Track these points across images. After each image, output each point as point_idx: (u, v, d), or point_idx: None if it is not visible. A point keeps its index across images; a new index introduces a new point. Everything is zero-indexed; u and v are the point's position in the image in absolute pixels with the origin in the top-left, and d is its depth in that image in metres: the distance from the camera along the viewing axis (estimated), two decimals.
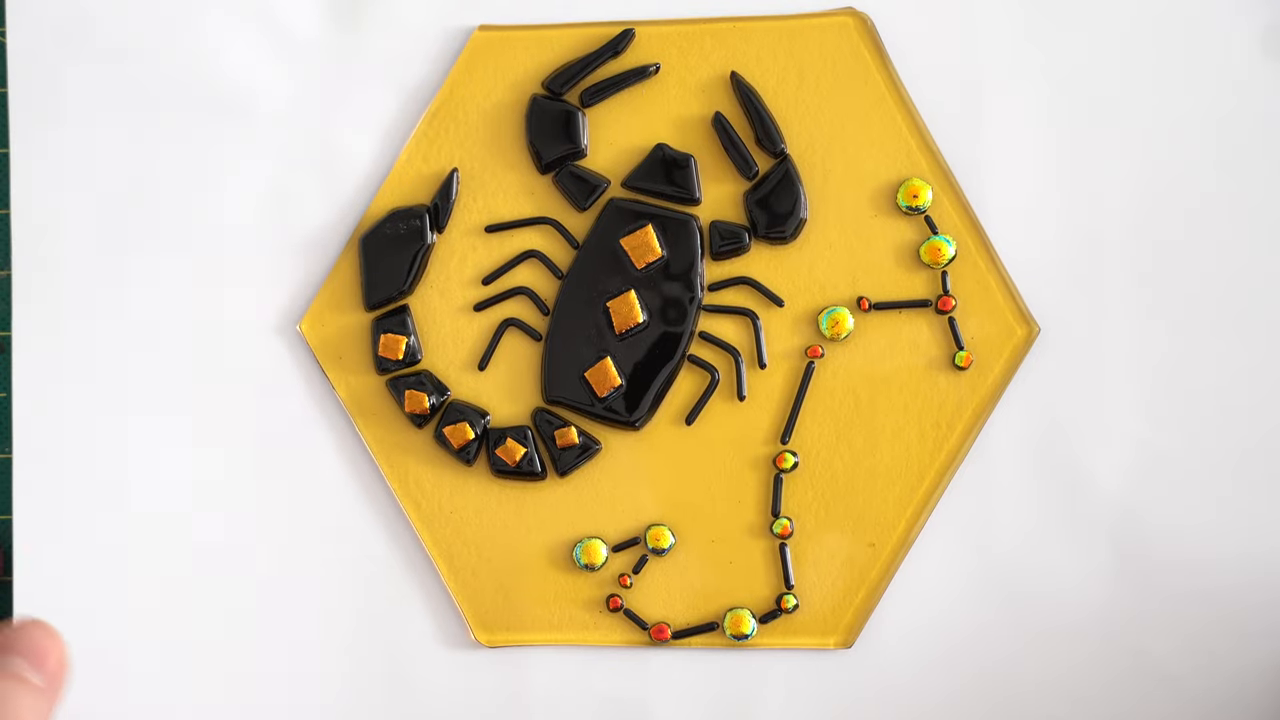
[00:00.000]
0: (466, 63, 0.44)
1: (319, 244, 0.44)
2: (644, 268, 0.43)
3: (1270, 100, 0.42)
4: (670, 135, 0.43)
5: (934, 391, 0.43)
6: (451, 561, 0.44)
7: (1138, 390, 0.42)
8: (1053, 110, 0.43)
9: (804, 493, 0.43)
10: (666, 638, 0.43)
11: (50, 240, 0.45)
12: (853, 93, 0.43)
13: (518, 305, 0.44)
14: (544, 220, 0.44)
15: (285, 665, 0.44)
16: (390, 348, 0.43)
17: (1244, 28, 0.43)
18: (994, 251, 0.43)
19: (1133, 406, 0.42)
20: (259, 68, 0.45)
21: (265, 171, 0.44)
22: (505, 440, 0.43)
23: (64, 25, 0.45)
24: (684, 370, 0.43)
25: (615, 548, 0.43)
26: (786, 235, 0.43)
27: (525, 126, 0.43)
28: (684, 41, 0.43)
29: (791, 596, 0.43)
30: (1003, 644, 0.43)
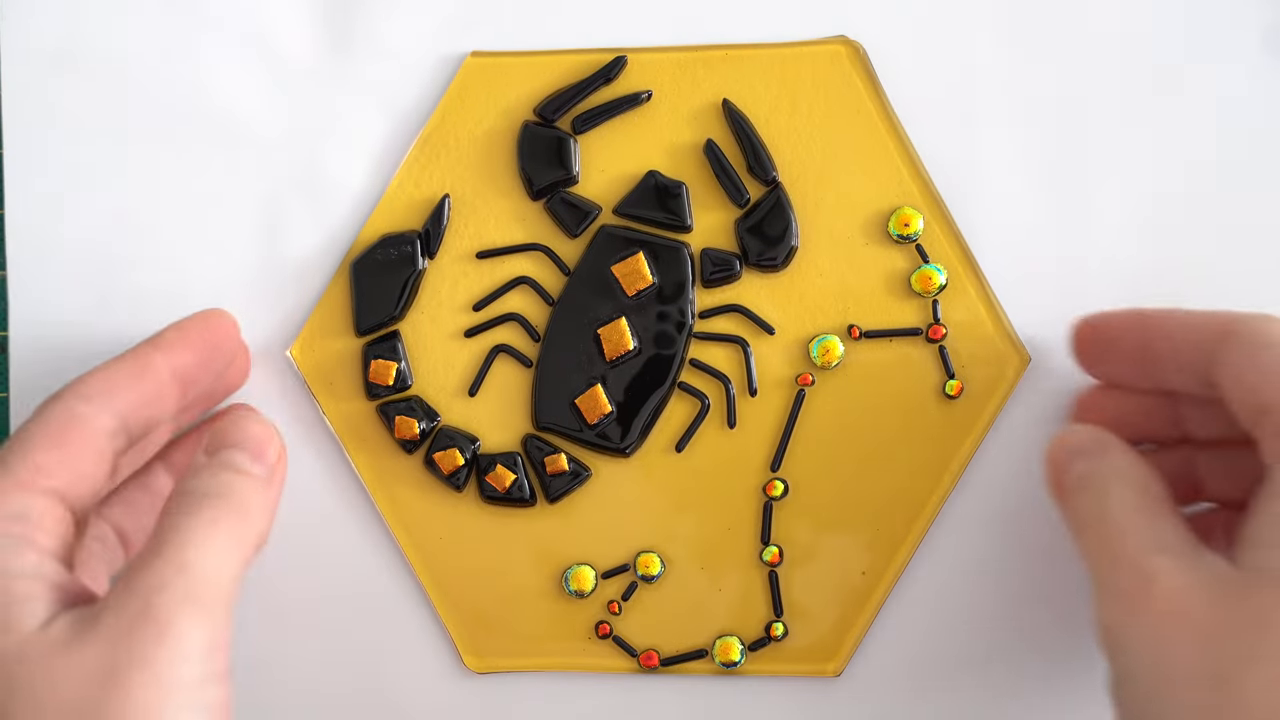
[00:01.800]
0: (458, 89, 0.44)
1: (309, 269, 0.44)
2: (635, 295, 0.43)
3: (1270, 106, 0.42)
4: (662, 162, 0.43)
5: (925, 420, 0.43)
6: (441, 587, 0.44)
7: None
8: (1044, 138, 0.43)
9: (794, 520, 0.43)
10: (655, 665, 0.43)
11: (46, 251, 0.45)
12: (845, 121, 0.43)
13: (509, 331, 0.44)
14: (535, 247, 0.44)
15: (273, 690, 0.44)
16: (381, 373, 0.43)
17: (1244, 29, 0.43)
18: (985, 280, 0.43)
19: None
20: (251, 92, 0.45)
21: (256, 196, 0.44)
22: (495, 467, 0.43)
23: (56, 49, 0.45)
24: (674, 398, 0.43)
25: (605, 574, 0.43)
26: (778, 263, 0.43)
27: (517, 153, 0.43)
28: (676, 69, 0.43)
29: (781, 624, 0.43)
30: (994, 674, 0.43)
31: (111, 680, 0.30)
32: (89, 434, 0.36)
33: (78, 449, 0.35)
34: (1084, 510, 0.35)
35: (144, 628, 0.31)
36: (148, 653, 0.31)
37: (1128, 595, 0.32)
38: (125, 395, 0.37)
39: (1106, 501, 0.35)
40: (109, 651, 0.31)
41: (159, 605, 0.31)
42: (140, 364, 0.38)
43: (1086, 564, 0.35)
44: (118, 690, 0.30)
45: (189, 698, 0.31)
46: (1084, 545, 0.35)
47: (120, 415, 0.37)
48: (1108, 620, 0.33)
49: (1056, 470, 0.37)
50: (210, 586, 0.32)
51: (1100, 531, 0.34)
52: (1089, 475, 0.36)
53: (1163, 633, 0.31)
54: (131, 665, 0.31)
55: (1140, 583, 0.32)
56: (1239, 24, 0.43)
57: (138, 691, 0.30)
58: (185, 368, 0.39)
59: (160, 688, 0.31)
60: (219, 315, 0.41)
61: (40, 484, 0.34)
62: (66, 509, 0.35)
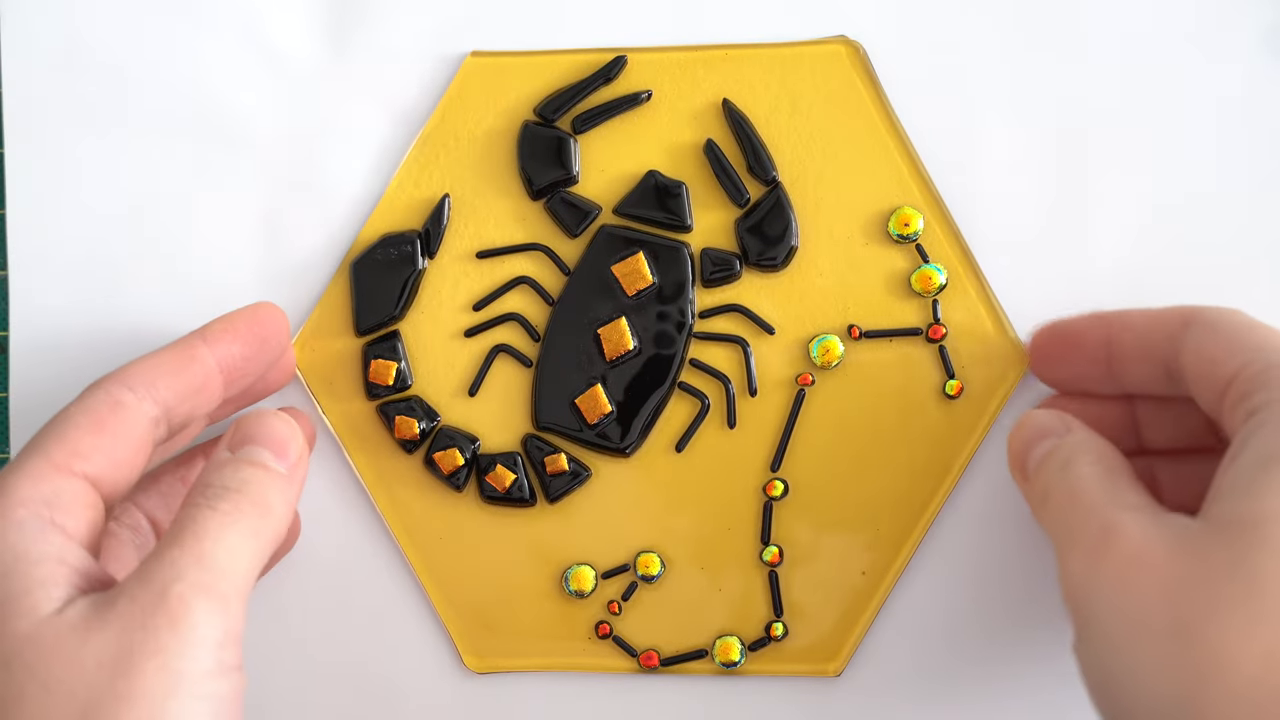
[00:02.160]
0: (458, 89, 0.44)
1: (309, 269, 0.44)
2: (635, 295, 0.43)
3: (1270, 106, 0.42)
4: (662, 162, 0.43)
5: (925, 420, 0.43)
6: (441, 587, 0.44)
7: None
8: (1045, 138, 0.43)
9: (794, 520, 0.43)
10: (655, 665, 0.43)
11: (46, 251, 0.45)
12: (844, 121, 0.43)
13: (508, 331, 0.44)
14: (535, 246, 0.44)
15: (273, 690, 0.44)
16: (381, 373, 0.43)
17: (1244, 30, 0.43)
18: (985, 280, 0.43)
19: None
20: (251, 92, 0.45)
21: (256, 195, 0.45)
22: (495, 467, 0.43)
23: (57, 49, 0.45)
24: (674, 398, 0.43)
25: (605, 575, 0.43)
26: (778, 263, 0.43)
27: (517, 152, 0.43)
28: (676, 69, 0.43)
29: (781, 624, 0.43)
30: (995, 673, 0.43)
31: (122, 667, 0.31)
32: (130, 422, 0.36)
33: (117, 436, 0.35)
34: (1048, 482, 0.36)
35: (158, 616, 0.31)
36: (160, 641, 0.31)
37: (1092, 546, 0.33)
38: (169, 385, 0.37)
39: (1071, 470, 0.35)
40: (122, 638, 0.31)
41: (174, 594, 0.31)
42: (186, 355, 0.38)
43: (1051, 533, 0.35)
44: (127, 677, 0.30)
45: (199, 688, 0.31)
46: (1048, 515, 0.36)
47: (163, 404, 0.37)
48: (1072, 571, 0.33)
49: (1020, 453, 0.38)
50: (226, 578, 0.32)
51: (1064, 497, 0.35)
52: (1052, 451, 0.36)
53: (1126, 582, 0.31)
54: (143, 653, 0.31)
55: (1103, 533, 0.33)
56: (1239, 24, 0.43)
57: (148, 679, 0.30)
58: (231, 360, 0.39)
59: (170, 676, 0.31)
60: (269, 309, 0.41)
61: (75, 468, 0.34)
62: (99, 495, 0.35)
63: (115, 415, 0.35)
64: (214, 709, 0.31)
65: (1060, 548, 0.34)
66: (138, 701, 0.30)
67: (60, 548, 0.33)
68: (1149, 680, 0.30)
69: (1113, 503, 0.34)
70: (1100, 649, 0.32)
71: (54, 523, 0.33)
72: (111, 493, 0.35)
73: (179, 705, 0.31)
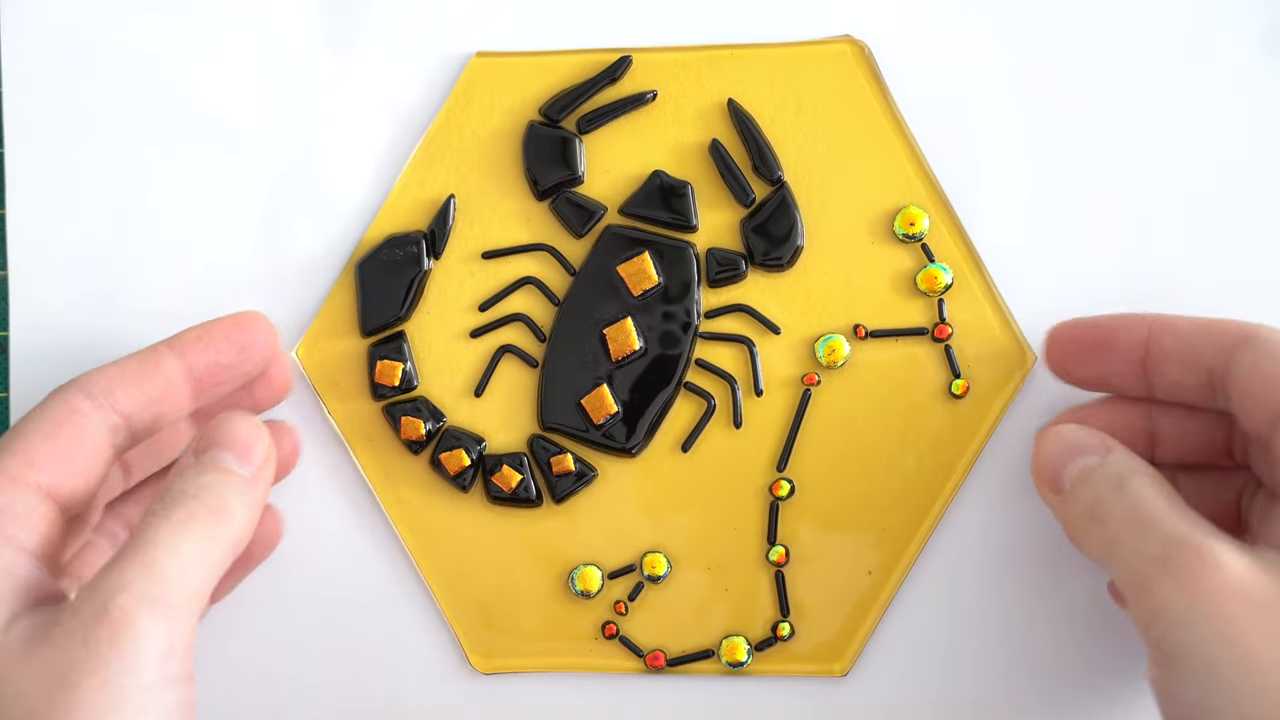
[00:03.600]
0: (463, 89, 0.44)
1: (315, 269, 0.44)
2: (641, 295, 0.43)
3: (1270, 106, 0.42)
4: (667, 162, 0.43)
5: (931, 419, 0.43)
6: (447, 588, 0.43)
7: None
8: (1050, 137, 0.43)
9: (800, 520, 0.43)
10: (662, 665, 0.43)
11: (46, 251, 0.45)
12: (850, 120, 0.43)
13: (514, 332, 0.44)
14: (541, 247, 0.44)
15: (279, 690, 0.44)
16: (386, 374, 0.43)
17: (1244, 30, 0.43)
18: (990, 279, 0.43)
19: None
20: (255, 92, 0.45)
21: (259, 196, 0.44)
22: (501, 467, 0.43)
23: (57, 49, 0.45)
24: (680, 398, 0.43)
25: (611, 575, 0.43)
26: (783, 263, 0.43)
27: (522, 153, 0.43)
28: (681, 69, 0.43)
29: (787, 624, 0.43)
30: (1002, 672, 0.43)
31: (63, 685, 0.30)
32: (86, 429, 0.36)
33: (73, 444, 0.35)
34: (1099, 499, 0.35)
35: (99, 630, 0.31)
36: (102, 657, 0.30)
37: (1190, 573, 0.32)
38: (129, 392, 0.37)
39: (1130, 489, 0.35)
40: (63, 655, 0.31)
41: (116, 606, 0.31)
42: (150, 363, 0.38)
43: (1102, 553, 0.35)
44: (67, 695, 0.30)
45: (144, 701, 0.31)
46: (1103, 534, 0.35)
47: (123, 412, 0.37)
48: (1161, 598, 0.32)
49: (1051, 467, 0.37)
50: (174, 588, 0.32)
51: (1129, 517, 0.34)
52: (1096, 471, 0.36)
53: (1230, 611, 0.31)
54: (84, 670, 0.30)
55: (1201, 561, 0.32)
56: (1239, 24, 0.43)
57: (88, 696, 0.30)
58: (202, 368, 0.38)
59: (111, 692, 0.30)
60: (252, 318, 0.40)
61: (29, 478, 0.34)
62: (55, 505, 0.35)
63: (71, 423, 0.35)
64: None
65: (1137, 572, 0.33)
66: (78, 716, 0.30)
67: (9, 562, 0.33)
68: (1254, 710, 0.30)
69: (1195, 530, 0.33)
70: (1197, 682, 0.31)
71: (5, 535, 0.33)
72: (69, 502, 0.35)
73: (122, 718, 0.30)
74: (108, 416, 0.36)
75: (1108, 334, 0.39)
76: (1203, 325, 0.37)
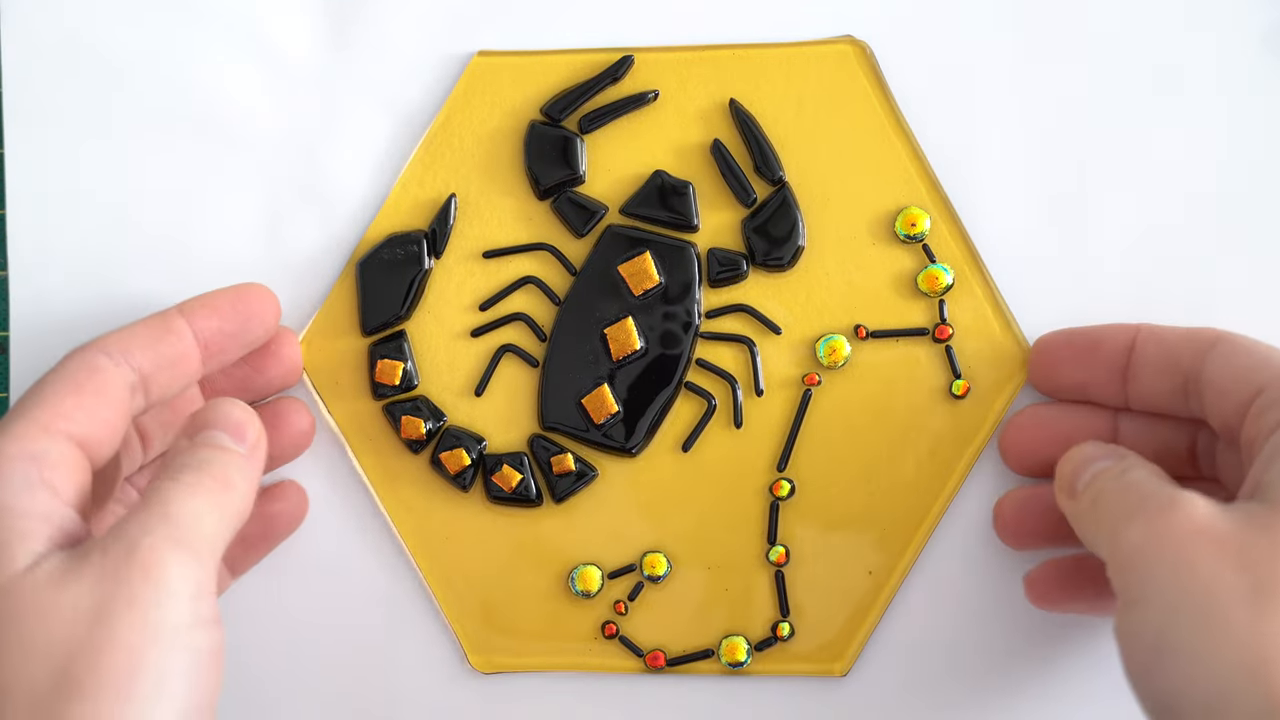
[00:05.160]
0: (465, 88, 0.44)
1: (315, 269, 0.44)
2: (642, 294, 0.43)
3: (1270, 106, 0.42)
4: (668, 162, 0.43)
5: (931, 419, 0.43)
6: (447, 587, 0.43)
7: None
8: (1050, 135, 0.43)
9: (800, 520, 0.43)
10: (661, 665, 0.43)
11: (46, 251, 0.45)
12: (851, 121, 0.43)
13: (515, 331, 0.44)
14: (542, 246, 0.44)
15: (278, 689, 0.44)
16: (387, 373, 0.43)
17: (1244, 30, 0.43)
18: (991, 280, 0.43)
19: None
20: (255, 92, 0.45)
21: (262, 196, 0.44)
22: (501, 466, 0.43)
23: (57, 49, 0.45)
24: (681, 398, 0.43)
25: (611, 575, 0.43)
26: (784, 263, 0.43)
27: (523, 152, 0.43)
28: (683, 69, 0.43)
29: (787, 624, 0.43)
30: (1002, 673, 0.43)
31: (99, 618, 0.31)
32: (108, 384, 0.36)
33: (97, 398, 0.36)
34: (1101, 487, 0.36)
35: (130, 567, 0.31)
36: (135, 592, 0.31)
37: (1157, 515, 0.32)
38: (145, 353, 0.38)
39: (1128, 475, 0.35)
40: (96, 590, 0.31)
41: (145, 546, 0.32)
42: (163, 326, 0.39)
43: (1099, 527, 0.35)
44: (105, 628, 0.31)
45: (178, 639, 0.31)
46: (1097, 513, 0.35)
47: (139, 371, 0.37)
48: (1129, 540, 0.33)
49: (1071, 477, 0.38)
50: (194, 534, 0.33)
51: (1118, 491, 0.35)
52: (1107, 470, 0.36)
53: (1193, 549, 0.31)
54: (120, 604, 0.31)
55: (1170, 503, 0.33)
56: (1239, 24, 0.43)
57: (125, 630, 0.31)
58: (210, 333, 0.39)
59: (148, 627, 0.31)
60: (256, 290, 0.41)
61: (60, 428, 0.35)
62: (85, 455, 0.35)
63: (93, 379, 0.36)
64: (192, 660, 0.32)
65: (1113, 528, 0.34)
66: (117, 652, 0.30)
67: (46, 504, 0.33)
68: (1216, 648, 0.30)
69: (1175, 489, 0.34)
70: (1159, 618, 0.31)
71: (42, 479, 0.34)
72: (96, 454, 0.36)
73: (158, 655, 0.31)
74: (126, 374, 0.37)
75: (1095, 340, 0.40)
76: (1184, 333, 0.38)
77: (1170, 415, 0.40)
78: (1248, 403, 0.35)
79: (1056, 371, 0.41)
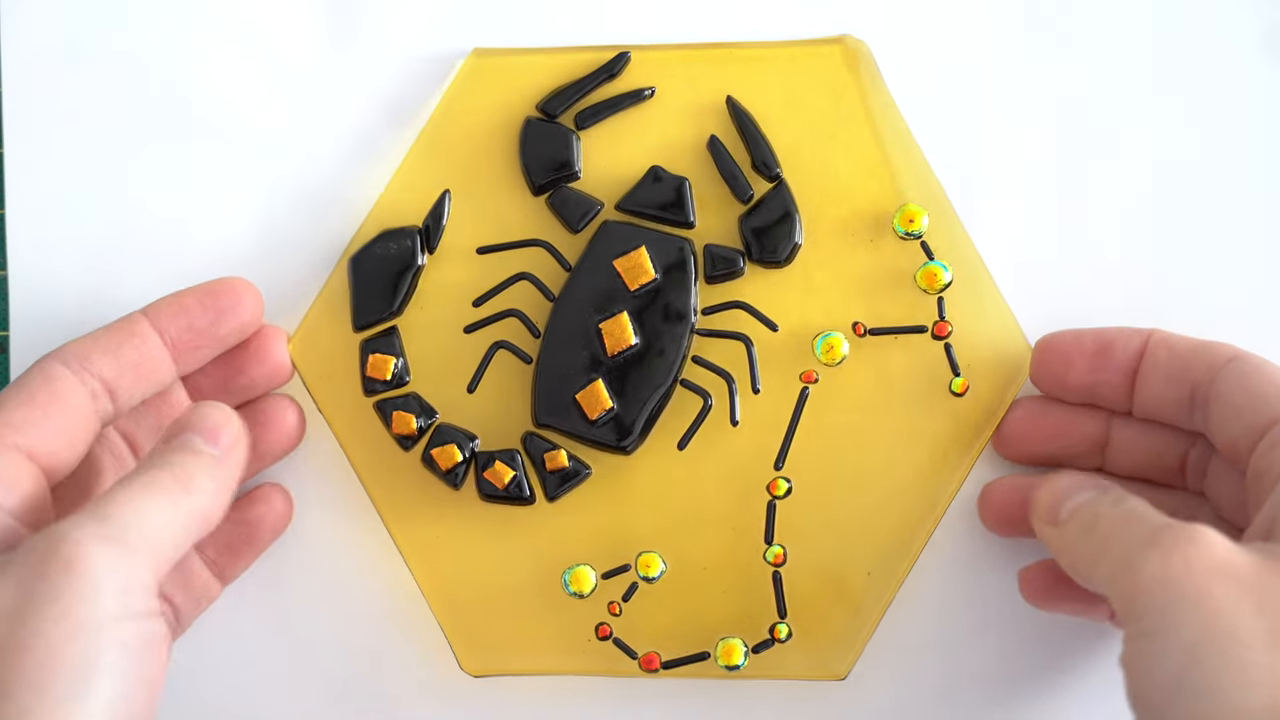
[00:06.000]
0: (460, 85, 0.43)
1: (308, 264, 0.44)
2: (637, 289, 0.42)
3: (1270, 106, 0.42)
4: (664, 159, 0.43)
5: (930, 418, 0.42)
6: (437, 588, 0.43)
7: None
8: (1049, 133, 0.43)
9: (798, 520, 0.42)
10: (656, 668, 0.42)
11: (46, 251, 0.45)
12: (848, 118, 0.43)
13: (508, 328, 0.43)
14: (536, 242, 0.43)
15: (266, 692, 0.43)
16: (378, 367, 0.42)
17: (1244, 30, 0.43)
18: (990, 277, 0.42)
19: None
20: (252, 89, 0.44)
21: (256, 193, 0.44)
22: (494, 463, 0.42)
23: (57, 48, 0.45)
24: (676, 395, 0.42)
25: (605, 575, 0.42)
26: (781, 260, 0.42)
27: (519, 148, 0.43)
28: (679, 66, 0.43)
29: (785, 626, 0.42)
30: (1001, 677, 0.42)
31: (21, 616, 0.30)
32: (63, 394, 0.37)
33: (51, 409, 0.36)
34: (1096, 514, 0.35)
35: (52, 562, 0.31)
36: (57, 586, 0.31)
37: (1175, 548, 0.32)
38: (105, 359, 0.38)
39: (1126, 503, 0.35)
40: (20, 588, 0.31)
41: (69, 541, 0.31)
42: (124, 330, 0.39)
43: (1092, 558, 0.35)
44: (26, 625, 0.30)
45: (104, 633, 0.31)
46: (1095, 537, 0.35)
47: (101, 378, 0.38)
48: (1147, 572, 0.32)
49: (1052, 504, 0.37)
50: (131, 531, 0.32)
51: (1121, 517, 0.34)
52: (1095, 498, 0.36)
53: (1214, 588, 0.31)
54: (42, 599, 0.30)
55: (1188, 538, 0.32)
56: (1239, 24, 0.43)
57: (49, 625, 0.30)
58: (179, 333, 0.40)
59: (71, 620, 0.30)
60: (228, 285, 0.41)
61: (7, 440, 0.35)
62: (36, 466, 0.35)
63: (46, 389, 0.37)
64: (121, 654, 0.31)
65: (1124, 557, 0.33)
66: (37, 648, 0.30)
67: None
68: (1235, 689, 0.29)
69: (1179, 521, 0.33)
70: (1179, 655, 0.30)
71: None
72: (52, 463, 0.36)
73: (80, 650, 0.30)
74: (86, 381, 0.38)
75: (1105, 343, 0.40)
76: (1198, 344, 0.38)
77: (1166, 424, 0.39)
78: (1259, 430, 0.35)
79: (1064, 372, 0.40)
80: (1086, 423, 0.41)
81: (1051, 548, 0.37)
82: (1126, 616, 0.32)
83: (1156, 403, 0.39)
